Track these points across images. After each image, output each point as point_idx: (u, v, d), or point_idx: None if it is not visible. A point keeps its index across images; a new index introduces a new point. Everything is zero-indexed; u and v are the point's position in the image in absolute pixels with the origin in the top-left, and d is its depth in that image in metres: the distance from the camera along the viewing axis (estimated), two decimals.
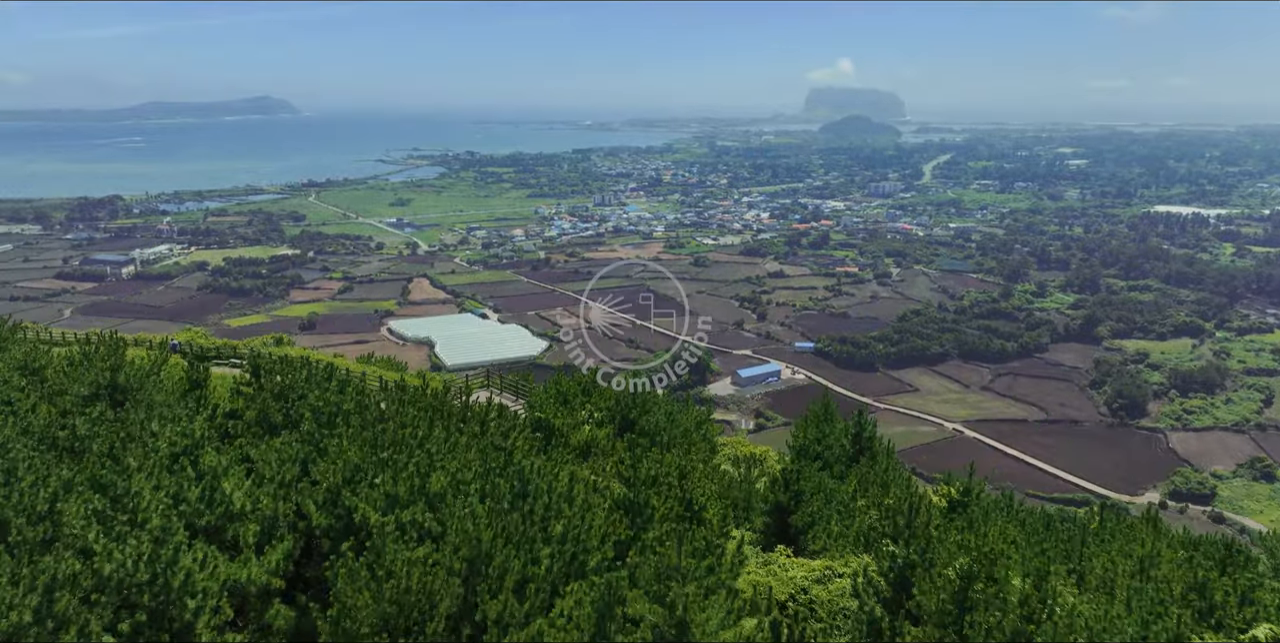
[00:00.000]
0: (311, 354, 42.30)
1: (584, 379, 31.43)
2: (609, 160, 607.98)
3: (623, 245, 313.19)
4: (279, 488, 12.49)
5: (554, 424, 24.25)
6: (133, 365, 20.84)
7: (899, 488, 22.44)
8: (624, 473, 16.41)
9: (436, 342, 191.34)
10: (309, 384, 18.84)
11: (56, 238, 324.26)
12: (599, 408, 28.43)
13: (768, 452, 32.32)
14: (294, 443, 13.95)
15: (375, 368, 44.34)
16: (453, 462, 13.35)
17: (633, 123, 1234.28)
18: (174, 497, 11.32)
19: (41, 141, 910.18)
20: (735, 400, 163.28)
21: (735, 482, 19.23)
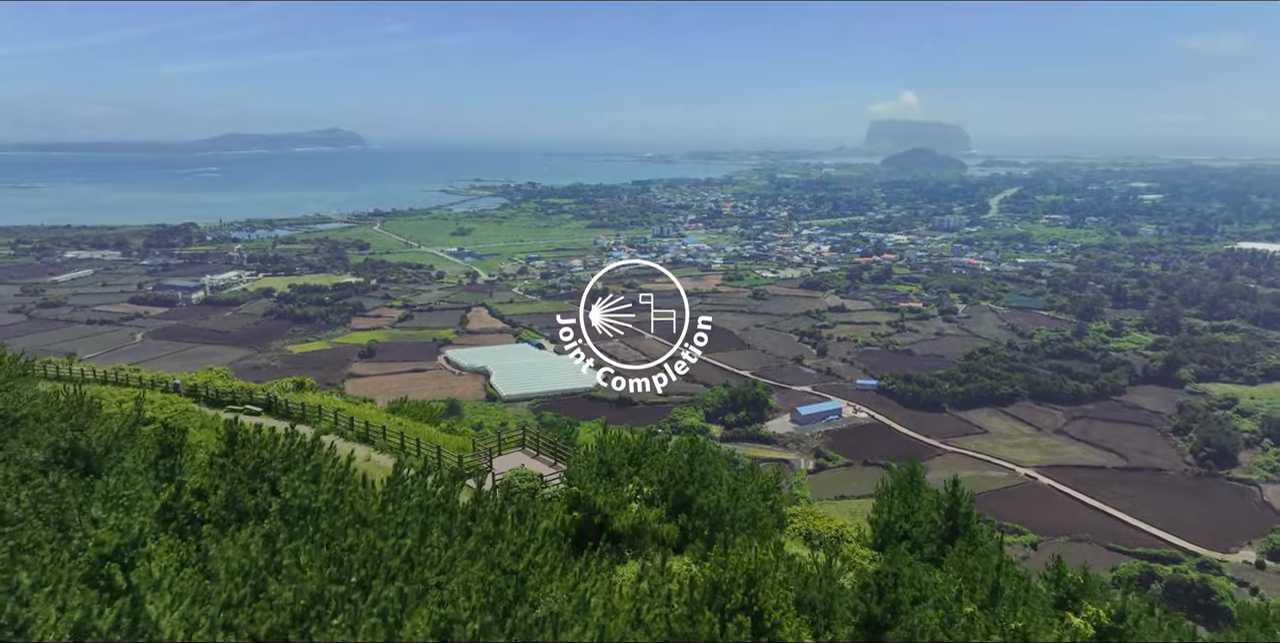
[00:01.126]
0: (326, 403, 40.06)
1: (633, 444, 27.71)
2: (668, 192, 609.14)
3: (681, 277, 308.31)
4: (223, 610, 9.65)
5: (595, 502, 21.35)
6: (106, 424, 18.77)
7: (1013, 587, 18.30)
8: (679, 585, 13.26)
9: (493, 371, 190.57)
10: (288, 462, 16.21)
11: (134, 263, 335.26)
12: (649, 481, 24.77)
13: (846, 529, 28.16)
14: (255, 544, 11.09)
15: (405, 420, 41.03)
16: (442, 592, 10.33)
17: (693, 155, 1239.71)
18: (78, 625, 8.64)
19: (125, 172, 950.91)
20: (794, 438, 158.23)
21: (812, 577, 16.02)
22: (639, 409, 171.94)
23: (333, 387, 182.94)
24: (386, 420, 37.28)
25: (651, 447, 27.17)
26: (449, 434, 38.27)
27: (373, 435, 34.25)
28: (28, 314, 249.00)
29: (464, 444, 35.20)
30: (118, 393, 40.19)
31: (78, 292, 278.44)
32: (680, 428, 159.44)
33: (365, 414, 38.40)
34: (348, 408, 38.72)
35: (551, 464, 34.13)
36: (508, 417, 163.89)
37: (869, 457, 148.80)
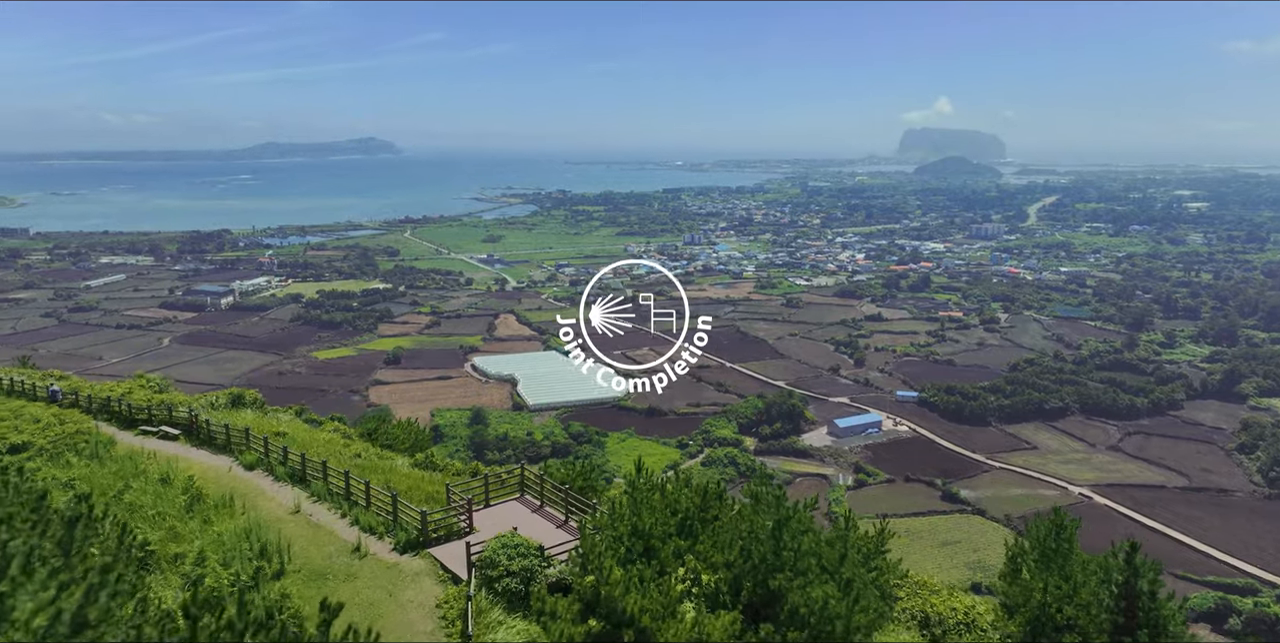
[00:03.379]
0: (266, 425, 30.93)
1: (683, 504, 19.09)
2: (699, 200, 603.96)
3: (712, 285, 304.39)
4: None
5: (625, 606, 14.12)
6: None
7: None
8: None
9: (520, 379, 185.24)
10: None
11: (166, 269, 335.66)
12: (710, 563, 16.76)
13: (975, 610, 18.70)
14: None
15: (370, 450, 31.25)
16: None
17: (723, 163, 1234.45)
18: None
19: (165, 180, 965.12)
20: (832, 453, 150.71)
21: None
22: (669, 419, 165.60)
23: (357, 394, 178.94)
24: (346, 450, 28.78)
25: (713, 506, 19.87)
26: (426, 470, 29.08)
27: (311, 474, 25.66)
28: (59, 318, 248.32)
29: (438, 489, 25.90)
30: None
31: (110, 296, 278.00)
32: (713, 440, 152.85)
33: (318, 442, 29.60)
34: (294, 432, 30.37)
35: (561, 521, 24.75)
36: (533, 427, 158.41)
37: (911, 472, 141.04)
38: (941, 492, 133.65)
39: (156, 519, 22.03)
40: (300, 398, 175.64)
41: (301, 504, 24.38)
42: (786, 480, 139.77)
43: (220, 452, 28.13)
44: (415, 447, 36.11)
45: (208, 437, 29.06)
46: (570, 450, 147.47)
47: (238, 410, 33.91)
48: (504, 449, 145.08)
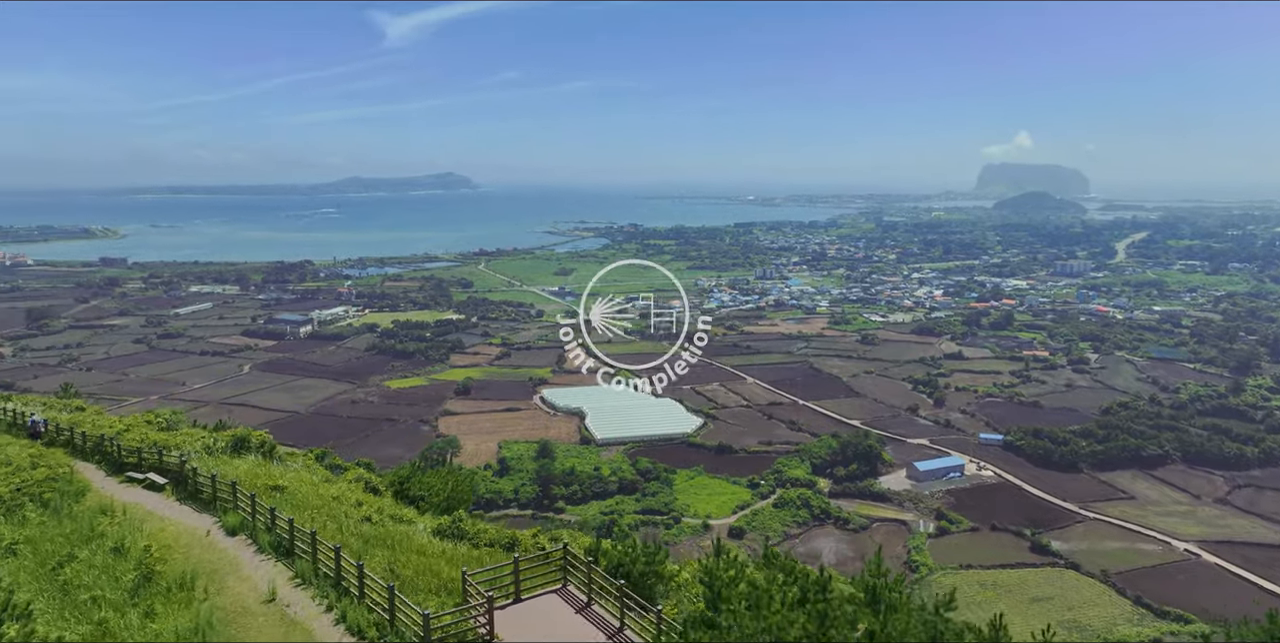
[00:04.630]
0: (267, 476, 25.81)
1: (784, 590, 14.05)
2: (771, 234, 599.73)
3: (784, 320, 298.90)
4: None
5: None
6: None
7: None
8: None
9: (587, 413, 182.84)
10: None
11: (250, 298, 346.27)
12: None
13: None
14: None
15: (389, 508, 26.18)
16: None
17: (795, 198, 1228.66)
18: None
19: (254, 213, 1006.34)
20: (912, 497, 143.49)
21: None
22: (740, 457, 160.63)
23: (426, 424, 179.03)
24: (357, 511, 23.08)
25: (887, 596, 13.04)
26: (450, 540, 22.69)
27: (300, 547, 20.66)
28: (148, 344, 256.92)
29: (459, 571, 20.07)
30: None
31: (196, 324, 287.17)
32: (785, 480, 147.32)
33: (324, 498, 24.38)
34: (298, 486, 25.07)
35: (615, 629, 18.69)
36: (601, 461, 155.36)
37: (998, 521, 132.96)
38: (1031, 543, 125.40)
39: (88, 608, 18.06)
40: (371, 427, 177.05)
41: (279, 590, 19.74)
42: (863, 526, 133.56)
43: (205, 509, 23.99)
44: (451, 502, 31.09)
45: (194, 490, 25.01)
46: (638, 487, 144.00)
47: (238, 457, 28.85)
48: (570, 484, 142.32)
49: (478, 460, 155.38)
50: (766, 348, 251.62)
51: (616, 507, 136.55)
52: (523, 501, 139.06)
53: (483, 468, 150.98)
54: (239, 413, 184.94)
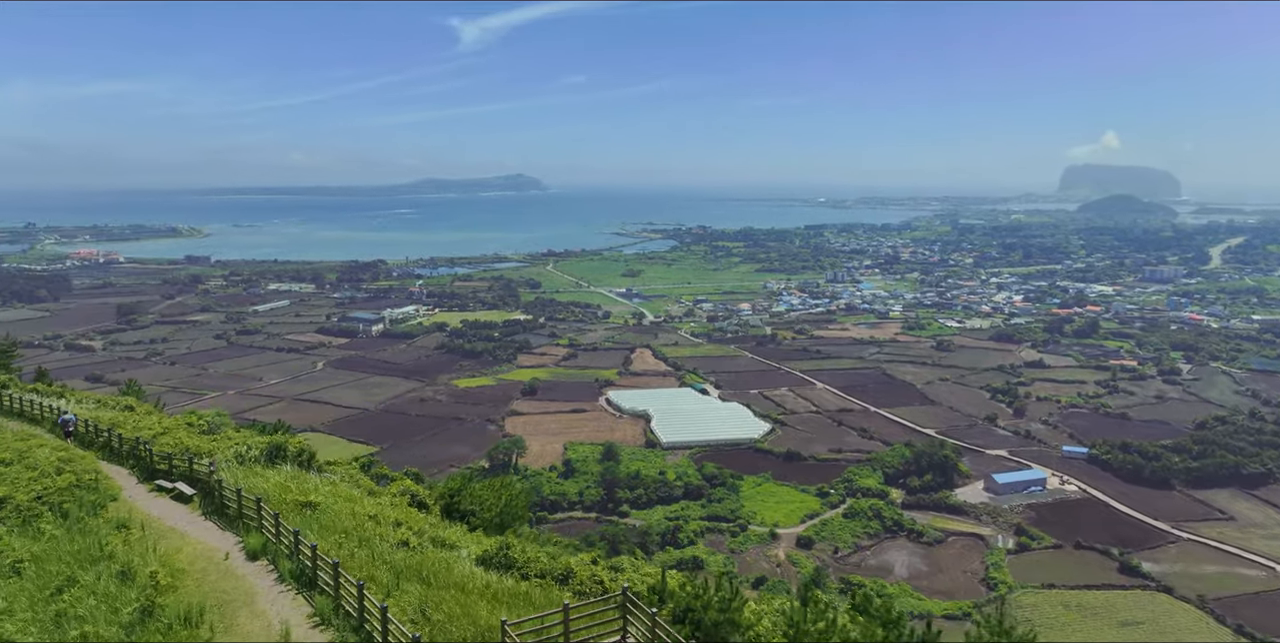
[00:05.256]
0: (284, 492, 22.61)
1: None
2: (842, 236, 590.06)
3: (855, 324, 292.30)
4: None
5: None
6: None
7: None
8: None
9: (653, 416, 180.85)
10: None
11: (325, 296, 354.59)
12: None
13: None
14: None
15: (431, 528, 22.89)
16: None
17: (867, 200, 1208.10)
18: None
19: (333, 213, 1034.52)
20: (990, 511, 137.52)
21: None
22: (809, 465, 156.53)
23: (493, 423, 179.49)
24: (394, 533, 19.82)
25: None
26: (497, 571, 19.20)
27: (324, 578, 17.85)
28: (228, 340, 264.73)
29: (501, 610, 17.25)
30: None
31: (273, 321, 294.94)
32: (856, 490, 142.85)
33: (359, 516, 21.16)
34: (332, 502, 21.89)
35: None
36: (666, 465, 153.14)
37: (1083, 538, 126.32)
38: (1119, 563, 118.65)
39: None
40: (439, 426, 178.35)
41: (292, 631, 17.06)
42: (938, 539, 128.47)
43: (229, 526, 21.72)
44: (504, 518, 28.01)
45: (220, 504, 22.77)
46: (703, 493, 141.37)
47: (273, 466, 25.85)
48: (635, 488, 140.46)
49: (543, 462, 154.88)
50: (837, 353, 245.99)
51: (681, 512, 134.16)
52: (587, 503, 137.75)
53: (547, 469, 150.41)
54: (311, 409, 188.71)
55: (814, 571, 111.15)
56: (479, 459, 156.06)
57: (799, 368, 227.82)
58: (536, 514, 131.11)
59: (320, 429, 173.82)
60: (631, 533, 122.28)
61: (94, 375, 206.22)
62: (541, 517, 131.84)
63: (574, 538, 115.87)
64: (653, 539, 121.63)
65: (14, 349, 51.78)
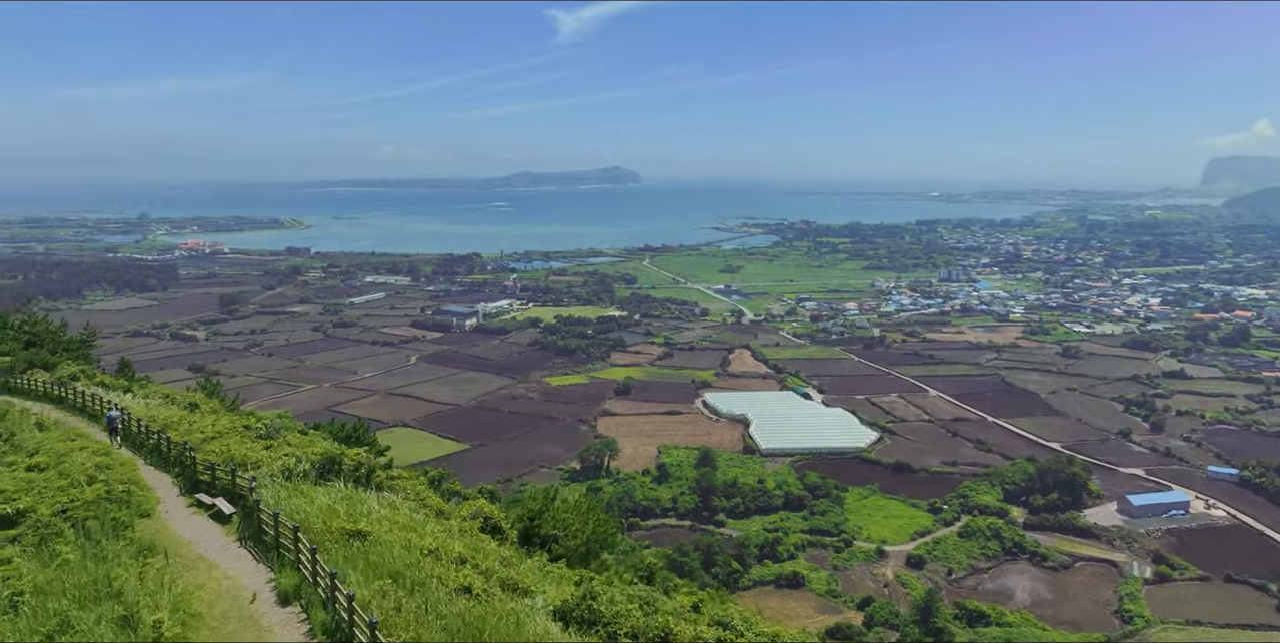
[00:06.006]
0: (333, 516, 19.16)
1: None
2: (957, 233, 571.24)
3: (972, 327, 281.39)
4: None
5: None
6: None
7: None
8: None
9: (752, 420, 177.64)
10: None
11: (420, 289, 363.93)
12: None
13: None
14: None
15: (500, 569, 18.12)
16: None
17: (985, 194, 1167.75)
18: None
19: (429, 206, 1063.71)
20: (1124, 535, 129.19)
21: None
22: (920, 478, 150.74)
23: (585, 423, 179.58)
24: (456, 573, 16.25)
25: None
26: (578, 627, 15.79)
27: (359, 639, 14.12)
28: (324, 332, 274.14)
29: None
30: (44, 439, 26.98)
31: (369, 314, 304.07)
32: (972, 506, 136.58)
33: (417, 550, 17.37)
34: (385, 531, 18.31)
35: None
36: (765, 473, 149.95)
37: (1233, 570, 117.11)
38: (1278, 600, 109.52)
39: None
40: (530, 424, 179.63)
41: None
42: (1064, 564, 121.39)
43: (265, 556, 18.69)
44: (591, 545, 24.80)
45: (259, 527, 19.61)
46: (805, 504, 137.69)
47: (324, 483, 22.64)
48: (732, 496, 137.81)
49: (635, 465, 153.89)
50: (951, 357, 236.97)
51: (781, 524, 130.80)
52: (681, 510, 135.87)
53: (640, 473, 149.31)
54: (403, 403, 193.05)
55: (926, 593, 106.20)
56: (570, 460, 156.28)
57: (910, 373, 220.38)
58: (628, 520, 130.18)
59: (411, 424, 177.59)
60: (727, 544, 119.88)
61: (195, 365, 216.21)
62: (634, 522, 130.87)
63: (667, 547, 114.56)
64: (750, 552, 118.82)
65: (94, 338, 52.41)
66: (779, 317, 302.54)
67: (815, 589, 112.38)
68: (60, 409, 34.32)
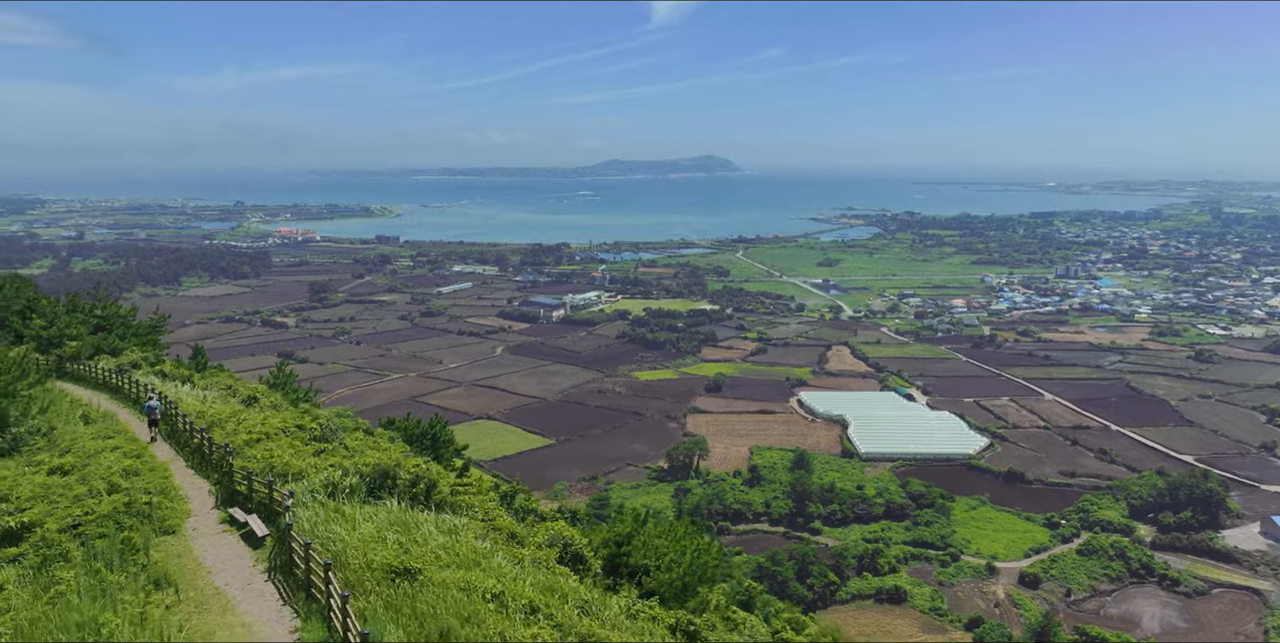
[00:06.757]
0: (390, 550, 16.10)
1: None
2: (1076, 226, 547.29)
3: (1092, 327, 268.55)
4: None
5: None
6: None
7: None
8: None
9: (851, 422, 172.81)
10: None
11: (508, 279, 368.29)
12: None
13: None
14: None
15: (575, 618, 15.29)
16: None
17: (1106, 185, 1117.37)
18: None
19: (517, 194, 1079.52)
20: (1269, 561, 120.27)
21: None
22: (1034, 489, 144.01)
23: (674, 421, 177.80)
24: (525, 631, 13.29)
25: None
26: None
27: None
28: (411, 321, 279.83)
29: None
30: (86, 434, 25.41)
31: (456, 303, 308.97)
32: (1093, 522, 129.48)
33: (474, 595, 14.39)
34: (432, 571, 15.04)
35: None
36: (865, 479, 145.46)
37: None
38: None
39: None
40: (617, 420, 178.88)
41: None
42: (1199, 590, 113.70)
43: (294, 595, 15.91)
44: (689, 580, 21.15)
45: (289, 557, 16.74)
46: (908, 514, 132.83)
47: (374, 501, 19.57)
48: (829, 502, 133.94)
49: (726, 465, 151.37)
50: (1069, 360, 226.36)
51: (882, 534, 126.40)
52: (774, 516, 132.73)
53: (731, 474, 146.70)
54: (488, 396, 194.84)
55: (1043, 616, 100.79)
56: (658, 459, 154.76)
57: (1023, 375, 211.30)
58: (718, 524, 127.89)
59: (496, 418, 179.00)
60: (824, 553, 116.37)
61: (285, 352, 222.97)
62: (723, 527, 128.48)
63: (759, 555, 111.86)
64: (848, 563, 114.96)
65: (163, 324, 51.98)
66: (880, 313, 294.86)
67: (918, 606, 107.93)
68: (115, 400, 33.29)
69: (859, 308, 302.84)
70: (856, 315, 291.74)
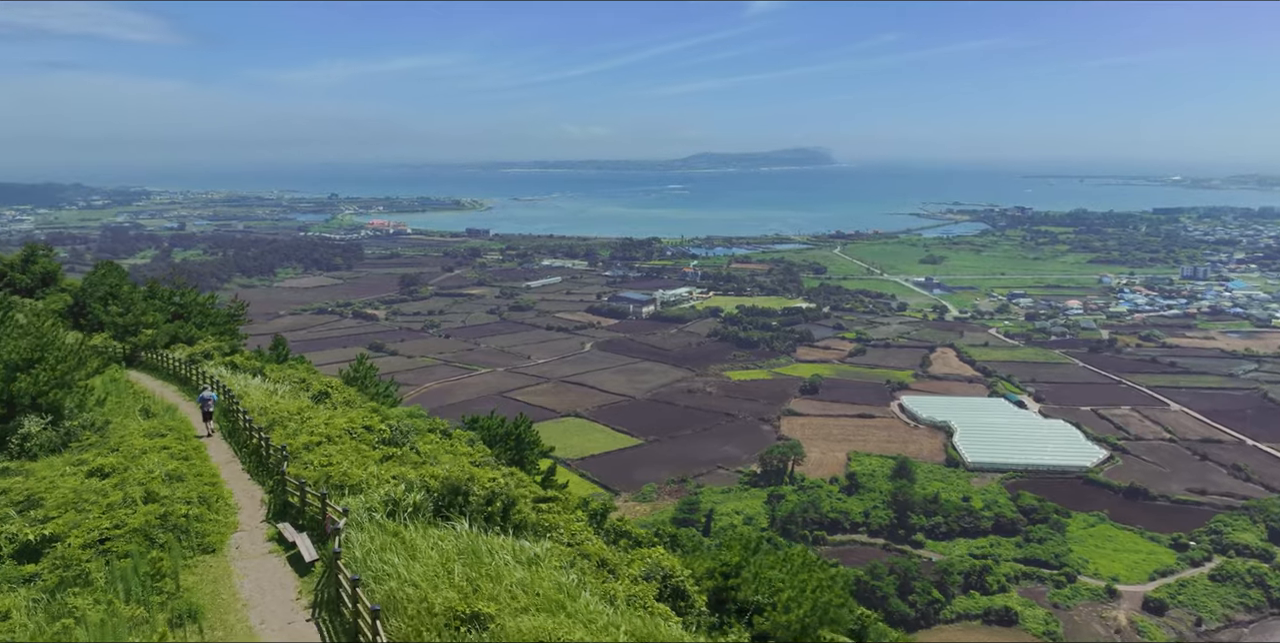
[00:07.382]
0: (457, 589, 13.34)
1: None
2: (1204, 223, 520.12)
3: (1223, 332, 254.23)
4: None
5: None
6: None
7: None
8: None
9: (956, 429, 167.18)
10: None
11: (597, 274, 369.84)
12: None
13: None
14: None
15: None
16: None
17: (1240, 179, 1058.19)
18: None
19: (607, 188, 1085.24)
20: None
21: None
22: (1160, 507, 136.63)
23: (767, 423, 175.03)
24: None
25: None
26: None
27: None
28: (500, 315, 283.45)
29: None
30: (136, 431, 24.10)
31: (544, 298, 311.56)
32: (1227, 545, 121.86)
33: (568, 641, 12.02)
34: (504, 617, 12.41)
35: None
36: (971, 490, 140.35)
37: None
38: None
39: None
40: (708, 421, 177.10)
41: None
42: None
43: (339, 641, 13.83)
44: (809, 622, 18.61)
45: (337, 594, 14.45)
46: (1019, 529, 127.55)
47: (441, 523, 17.13)
48: (932, 514, 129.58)
49: (822, 472, 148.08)
50: (1198, 367, 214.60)
51: (990, 550, 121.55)
52: (874, 527, 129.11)
53: (828, 481, 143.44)
54: (575, 393, 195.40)
55: None
56: (750, 463, 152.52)
57: (1146, 383, 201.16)
58: (814, 534, 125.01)
59: (583, 415, 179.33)
60: (927, 569, 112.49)
61: (375, 344, 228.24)
62: (819, 536, 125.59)
63: (858, 567, 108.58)
64: (953, 580, 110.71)
65: (241, 313, 52.07)
66: (988, 314, 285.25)
67: (1031, 629, 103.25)
68: (182, 392, 33.00)
69: (965, 308, 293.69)
70: (962, 316, 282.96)
